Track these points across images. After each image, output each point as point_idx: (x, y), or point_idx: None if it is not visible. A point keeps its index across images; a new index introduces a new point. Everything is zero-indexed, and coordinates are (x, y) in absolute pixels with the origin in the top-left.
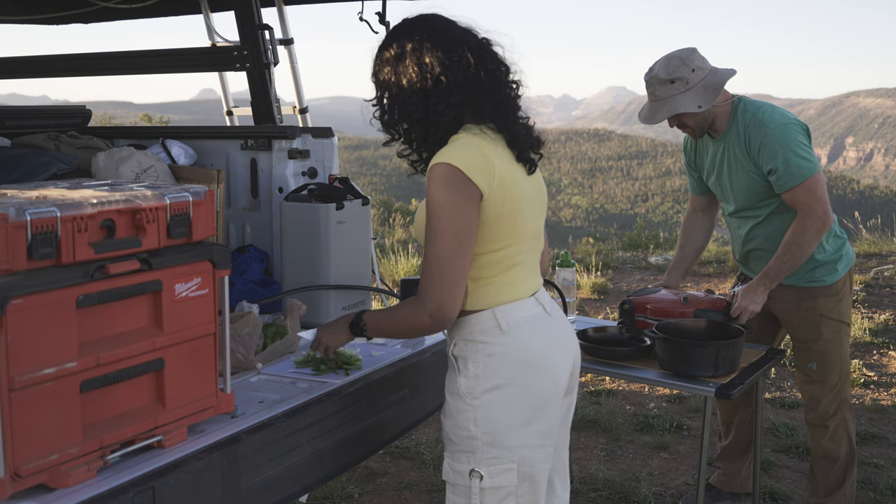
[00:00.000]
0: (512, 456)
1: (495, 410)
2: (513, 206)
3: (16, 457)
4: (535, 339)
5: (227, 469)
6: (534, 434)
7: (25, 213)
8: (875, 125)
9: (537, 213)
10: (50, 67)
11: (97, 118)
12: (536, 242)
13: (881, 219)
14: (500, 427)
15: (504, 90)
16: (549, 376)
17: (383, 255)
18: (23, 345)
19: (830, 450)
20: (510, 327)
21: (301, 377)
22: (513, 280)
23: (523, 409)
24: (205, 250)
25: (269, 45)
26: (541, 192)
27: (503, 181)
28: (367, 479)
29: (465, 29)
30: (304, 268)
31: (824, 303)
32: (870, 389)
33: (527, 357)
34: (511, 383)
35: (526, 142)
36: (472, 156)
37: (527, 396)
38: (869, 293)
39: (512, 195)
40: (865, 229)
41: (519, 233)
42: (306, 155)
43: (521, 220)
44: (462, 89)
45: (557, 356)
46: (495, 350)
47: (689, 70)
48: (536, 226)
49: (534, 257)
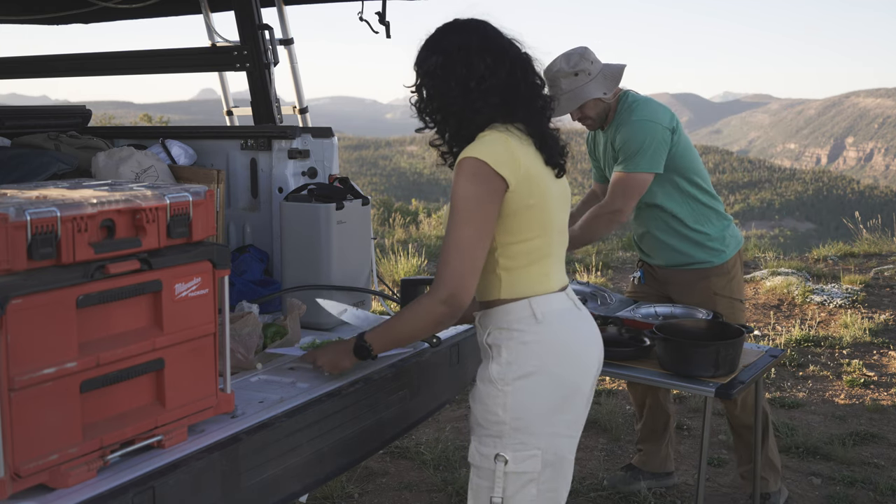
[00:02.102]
0: (538, 443)
1: (525, 397)
2: (539, 199)
3: (16, 457)
4: (567, 331)
5: (227, 469)
6: (561, 423)
7: (25, 213)
8: (875, 125)
9: (563, 211)
10: (50, 67)
11: (97, 118)
12: (563, 237)
13: (881, 219)
14: (528, 413)
15: (539, 101)
16: (579, 368)
17: (383, 255)
18: (23, 345)
19: (744, 419)
20: (545, 317)
21: (301, 376)
22: (545, 271)
23: (553, 397)
24: (205, 250)
25: (269, 45)
26: (567, 194)
27: (529, 174)
28: (367, 479)
29: (510, 40)
30: (304, 268)
31: (717, 281)
32: (870, 389)
33: (559, 347)
34: (542, 371)
35: (554, 148)
36: (498, 150)
37: (557, 385)
38: (869, 293)
39: (539, 188)
40: (865, 229)
41: (547, 225)
42: (306, 155)
43: (548, 214)
44: (502, 93)
45: (587, 350)
46: (529, 338)
47: (589, 62)
48: (563, 222)
49: (562, 252)
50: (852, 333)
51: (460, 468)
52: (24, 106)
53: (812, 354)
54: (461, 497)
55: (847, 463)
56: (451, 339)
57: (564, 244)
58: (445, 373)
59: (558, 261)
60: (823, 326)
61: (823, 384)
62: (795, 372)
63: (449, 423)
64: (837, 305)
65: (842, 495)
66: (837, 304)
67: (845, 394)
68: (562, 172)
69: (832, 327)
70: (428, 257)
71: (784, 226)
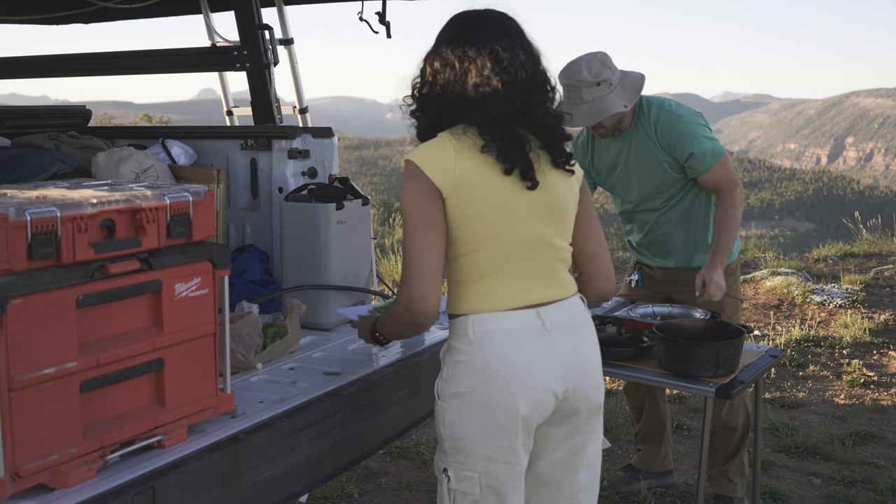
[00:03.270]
0: (474, 465)
1: (457, 417)
2: (479, 208)
3: (16, 457)
4: (505, 353)
5: (227, 469)
6: (495, 449)
7: (25, 213)
8: (875, 125)
9: (532, 220)
10: (50, 67)
11: (97, 118)
12: (532, 250)
13: (881, 219)
14: (461, 434)
15: (505, 107)
16: (516, 394)
17: (383, 255)
18: (23, 345)
19: (729, 421)
20: (478, 337)
21: (300, 377)
22: (492, 288)
23: (483, 421)
24: (205, 250)
25: (269, 45)
26: (553, 205)
27: (465, 182)
28: (367, 479)
29: (491, 46)
30: (304, 268)
31: (725, 281)
32: (870, 389)
33: (491, 370)
34: (472, 394)
35: (517, 158)
36: (434, 154)
37: (487, 409)
38: (869, 293)
39: (477, 197)
40: (865, 229)
41: (494, 237)
42: (306, 155)
43: (495, 225)
44: (449, 97)
45: (532, 375)
46: (462, 358)
47: (611, 71)
48: (531, 233)
49: (533, 265)
50: (852, 333)
51: None
52: (24, 106)
53: (812, 354)
54: None
55: (847, 463)
56: None
57: (538, 257)
58: None
59: (519, 275)
60: (823, 326)
61: (823, 384)
62: (795, 372)
63: None
64: (837, 305)
65: (842, 495)
66: (837, 304)
67: (845, 394)
68: (530, 185)
69: (832, 327)
70: None
71: (784, 226)
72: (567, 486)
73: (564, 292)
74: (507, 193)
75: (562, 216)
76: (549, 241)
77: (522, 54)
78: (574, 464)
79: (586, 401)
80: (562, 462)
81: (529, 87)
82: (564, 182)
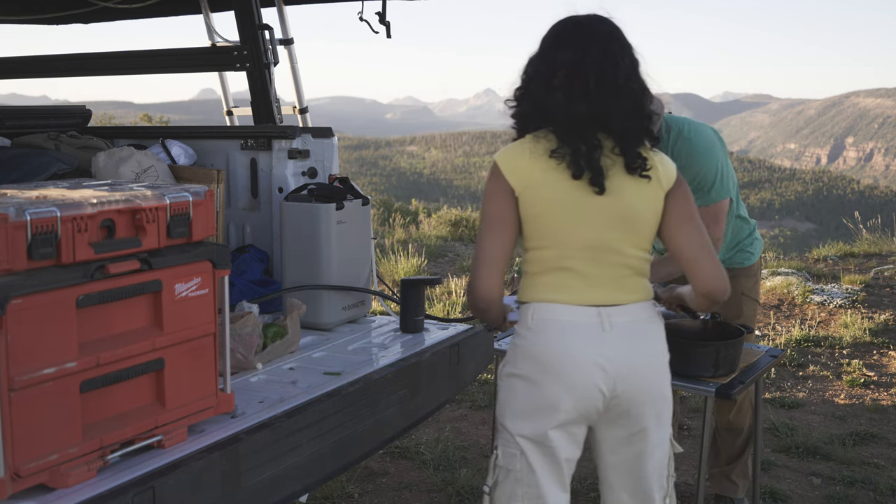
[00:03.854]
0: (516, 444)
1: (505, 396)
2: (543, 209)
3: (16, 457)
4: (555, 343)
5: (227, 469)
6: (530, 430)
7: (25, 213)
8: (875, 125)
9: (597, 225)
10: (50, 67)
11: (97, 118)
12: (597, 254)
13: (881, 219)
14: (505, 412)
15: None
16: (558, 383)
17: (383, 255)
18: (23, 345)
19: (735, 422)
20: (536, 324)
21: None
22: (558, 283)
23: (523, 403)
24: (205, 250)
25: (269, 45)
26: (623, 211)
27: (534, 184)
28: (367, 479)
29: (572, 53)
30: (304, 268)
31: (745, 282)
32: (870, 389)
33: (540, 356)
34: (520, 376)
35: (587, 164)
36: (513, 156)
37: (529, 392)
38: (869, 293)
39: (543, 198)
40: (865, 229)
41: (557, 238)
42: (306, 155)
43: (557, 226)
44: (537, 102)
45: (579, 369)
46: (519, 342)
47: None
48: (595, 238)
49: (597, 269)
50: (852, 333)
51: (460, 468)
52: (24, 106)
53: (812, 354)
54: (461, 497)
55: (847, 463)
56: (451, 340)
57: (605, 262)
58: (445, 373)
59: (585, 277)
60: (823, 326)
61: (823, 384)
62: (795, 372)
63: (449, 423)
64: (837, 305)
65: (842, 495)
66: (837, 304)
67: (845, 394)
68: (601, 190)
69: (832, 327)
70: (428, 257)
71: (784, 226)
72: (633, 490)
73: (631, 297)
74: (572, 197)
75: (632, 223)
76: (616, 248)
77: (611, 60)
78: (636, 469)
79: (636, 405)
80: (624, 466)
81: (612, 92)
82: (638, 189)
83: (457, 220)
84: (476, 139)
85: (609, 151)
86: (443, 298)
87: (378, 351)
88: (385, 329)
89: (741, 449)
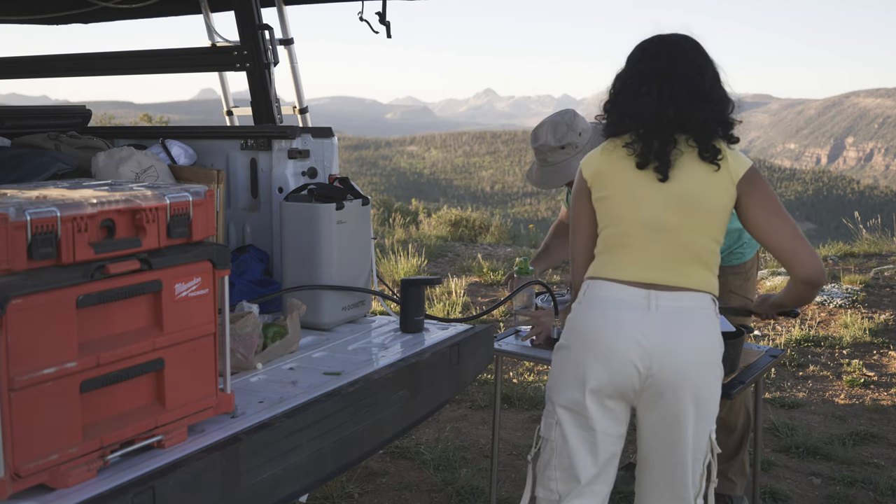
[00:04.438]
0: (556, 413)
1: (554, 367)
2: (608, 193)
3: (16, 457)
4: (597, 317)
5: (227, 469)
6: (568, 400)
7: (25, 213)
8: (875, 125)
9: (656, 206)
10: (50, 67)
11: (97, 118)
12: (654, 233)
13: (881, 219)
14: (551, 382)
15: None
16: (596, 356)
17: (383, 255)
18: (23, 345)
19: (729, 420)
20: (586, 299)
21: (300, 377)
22: (615, 259)
23: (566, 373)
24: (205, 250)
25: (269, 45)
26: (682, 197)
27: (603, 172)
28: (367, 479)
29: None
30: (304, 268)
31: (733, 280)
32: (870, 389)
33: (583, 329)
34: (566, 347)
35: (656, 156)
36: (590, 156)
37: (570, 363)
38: (869, 293)
39: (608, 183)
40: (865, 229)
41: (623, 217)
42: (306, 155)
43: (624, 207)
44: (623, 110)
45: (616, 344)
46: (571, 316)
47: (577, 134)
48: (654, 217)
49: (653, 247)
50: (852, 333)
51: (460, 468)
52: (24, 106)
53: (812, 354)
54: (461, 497)
55: (847, 463)
56: (451, 340)
57: (660, 240)
58: (445, 373)
59: (642, 254)
60: (823, 326)
61: (823, 384)
62: (795, 372)
63: (449, 423)
64: (837, 305)
65: (842, 495)
66: (837, 304)
67: (845, 394)
68: (664, 178)
69: (832, 327)
70: (428, 257)
71: None
72: (667, 480)
73: (685, 283)
74: (635, 182)
75: (691, 207)
76: (675, 229)
77: (696, 70)
78: (670, 455)
79: (672, 388)
80: (660, 451)
81: (698, 97)
82: (704, 176)
83: (457, 220)
84: (476, 139)
85: (683, 144)
86: (443, 298)
87: (378, 351)
88: (385, 329)
89: (736, 446)
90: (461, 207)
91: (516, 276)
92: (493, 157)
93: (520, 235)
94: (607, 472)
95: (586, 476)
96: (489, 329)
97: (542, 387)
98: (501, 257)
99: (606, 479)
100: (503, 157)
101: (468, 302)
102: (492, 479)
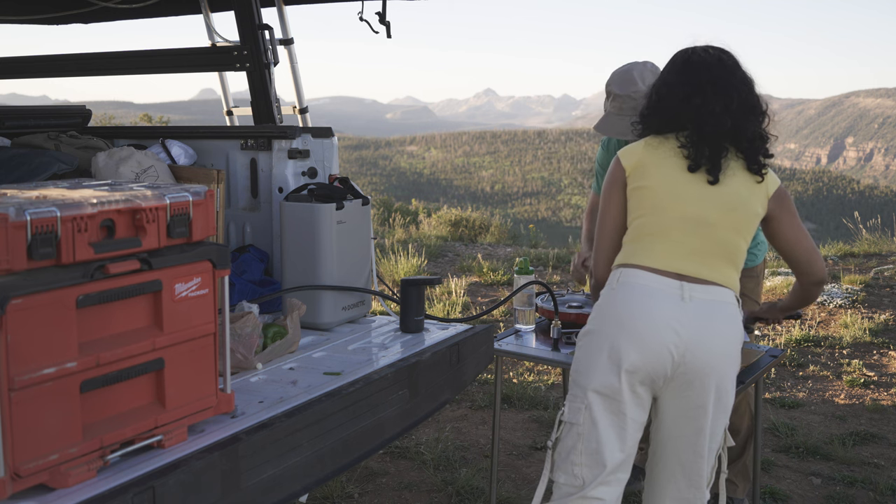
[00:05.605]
0: (584, 398)
1: (581, 352)
2: (646, 183)
3: (16, 457)
4: (636, 303)
5: (227, 469)
6: (601, 384)
7: (25, 212)
8: (875, 125)
9: (699, 203)
10: (50, 67)
11: (97, 118)
12: (694, 226)
13: (881, 219)
14: (578, 367)
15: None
16: (633, 340)
17: (383, 255)
18: (23, 345)
19: (733, 423)
20: (618, 286)
21: (300, 376)
22: (647, 248)
23: (598, 357)
24: (205, 250)
25: (269, 45)
26: (727, 201)
27: (645, 163)
28: (367, 479)
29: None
30: (304, 268)
31: (746, 283)
32: (870, 389)
33: (616, 314)
34: (596, 331)
35: (712, 159)
36: (631, 147)
37: (604, 347)
38: (869, 293)
39: (651, 174)
40: (865, 229)
41: (659, 208)
42: (306, 155)
43: (660, 199)
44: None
45: (651, 329)
46: (601, 302)
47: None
48: (696, 211)
49: (690, 240)
50: (852, 333)
51: (460, 468)
52: (24, 106)
53: (812, 354)
54: (461, 497)
55: (847, 463)
56: (451, 339)
57: (699, 234)
58: (445, 373)
59: (678, 245)
60: (823, 326)
61: (823, 384)
62: (795, 372)
63: (449, 423)
64: (837, 305)
65: (842, 495)
66: (837, 304)
67: (845, 394)
68: (712, 180)
69: (832, 327)
70: (428, 257)
71: None
72: (686, 470)
73: (715, 277)
74: (681, 181)
75: (733, 206)
76: (713, 223)
77: (746, 84)
78: (692, 445)
79: (701, 377)
80: (682, 441)
81: (750, 111)
82: (748, 185)
83: (457, 220)
84: (476, 139)
85: (733, 153)
86: (443, 298)
87: (378, 351)
88: (385, 329)
89: (740, 449)
90: (461, 207)
91: (516, 275)
92: (493, 157)
93: (520, 235)
94: (629, 462)
95: (613, 462)
96: (489, 329)
97: (542, 387)
98: (501, 257)
99: (627, 469)
100: (503, 157)
101: (468, 302)
102: (492, 479)
